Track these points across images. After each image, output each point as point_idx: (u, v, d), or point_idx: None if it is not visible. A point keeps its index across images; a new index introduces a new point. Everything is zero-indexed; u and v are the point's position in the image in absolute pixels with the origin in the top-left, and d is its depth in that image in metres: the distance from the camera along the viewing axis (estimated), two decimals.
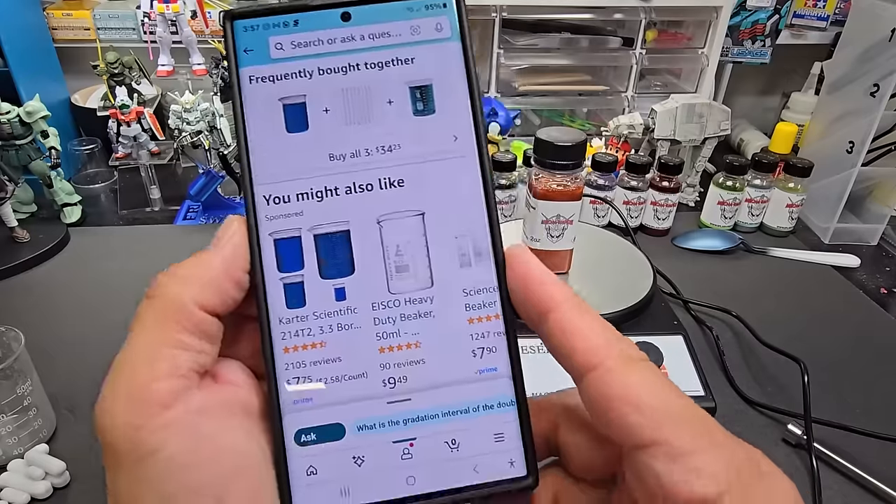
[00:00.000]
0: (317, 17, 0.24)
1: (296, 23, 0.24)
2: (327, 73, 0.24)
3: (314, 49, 0.24)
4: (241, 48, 0.24)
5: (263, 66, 0.24)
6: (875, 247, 0.96)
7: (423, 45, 0.24)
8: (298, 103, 0.24)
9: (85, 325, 0.73)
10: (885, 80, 0.85)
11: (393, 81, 0.24)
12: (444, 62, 0.24)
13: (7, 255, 0.83)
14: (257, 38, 0.24)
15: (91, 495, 0.52)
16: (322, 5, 0.24)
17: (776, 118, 1.24)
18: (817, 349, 0.71)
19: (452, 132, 0.24)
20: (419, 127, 0.24)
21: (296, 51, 0.24)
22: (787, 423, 0.60)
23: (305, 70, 0.24)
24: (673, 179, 0.93)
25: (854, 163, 0.90)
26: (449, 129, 0.24)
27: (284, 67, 0.24)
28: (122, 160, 0.96)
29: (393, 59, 0.24)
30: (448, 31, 0.25)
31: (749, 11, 1.15)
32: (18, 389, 0.54)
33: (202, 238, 0.90)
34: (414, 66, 0.24)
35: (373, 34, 0.24)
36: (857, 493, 0.55)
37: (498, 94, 1.08)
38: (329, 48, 0.24)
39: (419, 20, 0.24)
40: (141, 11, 1.04)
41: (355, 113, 0.24)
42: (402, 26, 0.24)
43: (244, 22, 0.24)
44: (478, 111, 0.24)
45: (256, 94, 0.24)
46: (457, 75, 0.24)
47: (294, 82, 0.24)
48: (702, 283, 0.83)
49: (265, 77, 0.24)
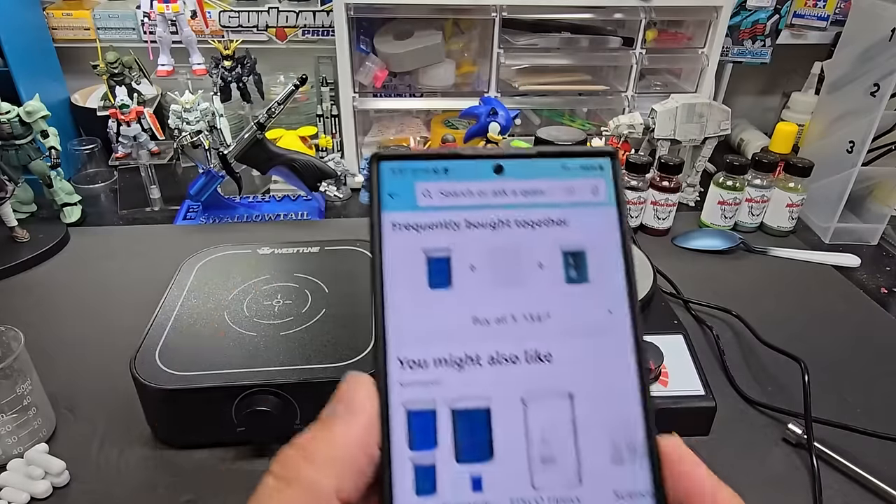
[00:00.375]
0: (469, 167, 0.23)
1: (446, 170, 0.23)
2: (476, 227, 0.22)
3: (463, 200, 0.22)
4: (386, 192, 0.22)
5: (408, 212, 0.22)
6: (875, 247, 0.96)
7: (577, 207, 0.23)
8: (443, 257, 0.22)
9: (85, 325, 0.73)
10: (885, 80, 0.85)
11: (545, 244, 0.22)
12: (599, 229, 0.23)
13: (7, 255, 0.83)
14: (404, 182, 0.22)
15: (91, 495, 0.52)
16: (476, 155, 0.23)
17: (776, 118, 1.24)
18: (817, 349, 0.71)
19: (607, 305, 0.22)
20: (571, 296, 0.22)
21: (444, 200, 0.22)
22: (788, 423, 0.60)
23: (453, 222, 0.22)
24: (673, 179, 0.93)
25: (854, 162, 0.90)
26: (603, 302, 0.22)
27: (431, 217, 0.22)
28: (122, 160, 0.96)
29: (546, 220, 0.22)
30: (604, 196, 0.23)
31: (749, 11, 1.15)
32: (18, 389, 0.54)
33: (202, 238, 0.90)
34: (568, 229, 0.23)
35: (526, 190, 0.23)
36: (858, 493, 0.55)
37: (498, 94, 1.08)
38: (479, 200, 0.22)
39: (575, 181, 0.23)
40: (141, 11, 1.04)
41: (504, 274, 0.22)
42: (556, 185, 0.23)
43: (391, 164, 0.22)
44: (633, 284, 0.22)
45: (398, 242, 0.22)
46: (612, 244, 0.23)
47: (440, 233, 0.22)
48: (702, 282, 0.83)
49: (409, 225, 0.22)
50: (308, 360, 0.55)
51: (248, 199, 1.03)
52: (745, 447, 0.59)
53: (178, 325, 0.60)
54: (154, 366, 0.54)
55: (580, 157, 0.23)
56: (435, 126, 1.17)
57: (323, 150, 1.11)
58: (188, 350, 0.56)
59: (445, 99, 1.12)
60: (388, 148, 0.22)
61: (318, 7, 1.11)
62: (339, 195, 1.01)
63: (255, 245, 0.74)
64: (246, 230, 0.94)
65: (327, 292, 0.66)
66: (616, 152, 0.24)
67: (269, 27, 1.12)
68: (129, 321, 0.69)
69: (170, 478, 0.54)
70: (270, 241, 0.76)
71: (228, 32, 1.11)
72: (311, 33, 1.13)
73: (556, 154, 0.23)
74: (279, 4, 1.10)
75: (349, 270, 0.69)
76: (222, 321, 0.61)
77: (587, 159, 0.23)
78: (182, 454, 0.56)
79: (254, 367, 0.54)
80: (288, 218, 0.99)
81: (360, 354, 0.56)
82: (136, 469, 0.55)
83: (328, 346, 0.57)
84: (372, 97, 1.08)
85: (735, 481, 0.37)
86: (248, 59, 1.06)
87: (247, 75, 1.06)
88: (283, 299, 0.64)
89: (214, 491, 0.53)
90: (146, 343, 0.57)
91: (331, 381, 0.54)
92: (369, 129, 1.19)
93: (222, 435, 0.55)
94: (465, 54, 1.13)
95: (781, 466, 0.57)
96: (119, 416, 0.60)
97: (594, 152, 0.24)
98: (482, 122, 1.01)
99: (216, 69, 1.05)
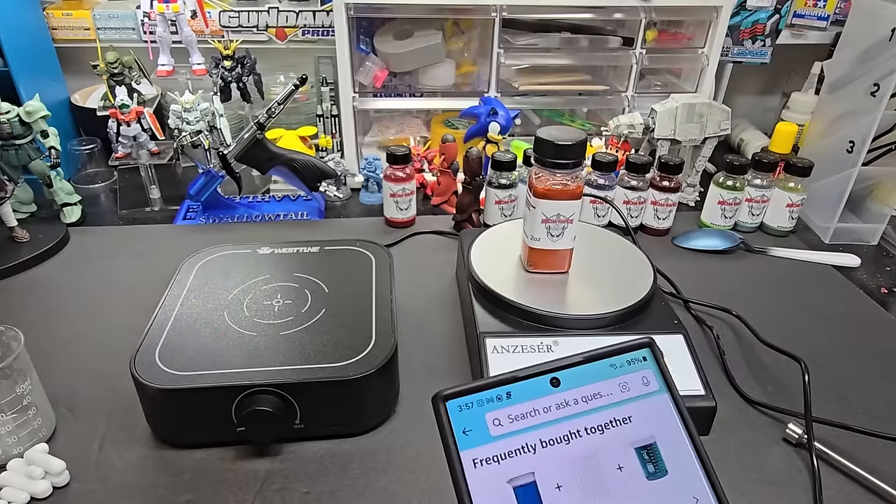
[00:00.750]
0: (528, 387, 0.24)
1: (508, 395, 0.24)
2: (550, 444, 0.23)
3: (532, 420, 0.23)
4: (460, 429, 0.23)
5: (486, 445, 0.23)
6: (875, 246, 0.96)
7: (635, 401, 0.24)
8: (529, 482, 0.23)
9: (84, 325, 0.73)
10: (885, 80, 0.85)
11: (617, 444, 0.23)
12: (660, 417, 0.24)
13: (7, 255, 0.83)
14: (474, 416, 0.23)
15: (91, 495, 0.52)
16: (530, 374, 0.24)
17: (776, 118, 1.24)
18: (817, 349, 0.71)
19: (692, 494, 0.23)
20: (657, 493, 0.23)
21: (514, 424, 0.23)
22: (788, 423, 0.60)
23: (528, 444, 0.23)
24: (673, 179, 0.93)
25: (854, 162, 0.90)
26: (687, 492, 0.23)
27: (507, 444, 0.23)
28: (121, 160, 0.96)
29: (611, 420, 0.24)
30: (655, 384, 0.24)
31: (749, 11, 1.15)
32: (18, 389, 0.54)
33: (202, 238, 0.90)
34: (633, 425, 0.24)
35: (585, 396, 0.24)
36: (858, 493, 0.54)
37: (498, 94, 1.08)
38: (546, 417, 0.24)
39: (625, 376, 0.24)
40: (141, 11, 1.04)
41: (589, 485, 0.23)
42: (611, 385, 0.24)
43: (458, 401, 0.23)
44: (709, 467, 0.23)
45: (483, 478, 0.23)
46: (676, 429, 0.24)
47: (520, 460, 0.23)
48: (702, 282, 0.83)
49: (489, 458, 0.23)
50: (308, 360, 0.55)
51: (248, 199, 1.03)
52: (745, 447, 0.59)
53: (178, 325, 0.60)
54: (154, 366, 0.54)
55: (624, 352, 0.25)
56: (435, 126, 1.17)
57: (323, 150, 1.11)
58: (188, 350, 0.56)
59: (445, 99, 1.12)
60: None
61: (318, 7, 1.11)
62: (339, 195, 1.01)
63: (255, 245, 0.74)
64: (246, 230, 0.94)
65: (327, 292, 0.65)
66: (652, 342, 0.26)
67: (269, 27, 1.12)
68: (129, 321, 0.69)
69: (170, 478, 0.54)
70: (270, 241, 0.76)
71: (228, 32, 1.11)
72: (311, 33, 1.13)
73: (602, 355, 0.24)
74: (279, 4, 1.10)
75: (349, 270, 0.69)
76: (222, 321, 0.61)
77: (630, 353, 0.25)
78: (182, 454, 0.56)
79: (254, 367, 0.54)
80: (288, 218, 0.99)
81: (360, 354, 0.56)
82: (136, 469, 0.55)
83: (328, 346, 0.57)
84: (372, 97, 1.08)
85: (735, 481, 0.37)
86: (248, 59, 1.06)
87: (247, 75, 1.06)
88: (283, 299, 0.64)
89: (214, 491, 0.53)
90: (146, 343, 0.57)
91: (331, 381, 0.54)
92: (369, 129, 1.19)
93: (222, 435, 0.55)
94: (465, 54, 1.13)
95: (781, 466, 0.57)
96: (119, 416, 0.60)
97: (634, 346, 0.25)
98: (482, 122, 1.01)
99: (216, 69, 1.05)
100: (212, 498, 0.52)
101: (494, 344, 0.60)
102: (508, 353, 0.60)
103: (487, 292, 0.65)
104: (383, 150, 1.10)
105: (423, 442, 0.58)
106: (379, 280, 0.68)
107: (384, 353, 0.56)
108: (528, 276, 0.69)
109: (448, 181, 0.99)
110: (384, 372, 0.56)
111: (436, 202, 1.02)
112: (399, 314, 0.66)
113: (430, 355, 0.69)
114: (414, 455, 0.56)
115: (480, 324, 0.63)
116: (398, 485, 0.54)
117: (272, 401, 0.53)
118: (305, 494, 0.53)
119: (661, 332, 0.62)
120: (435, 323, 0.74)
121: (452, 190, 1.00)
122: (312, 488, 0.53)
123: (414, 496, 0.53)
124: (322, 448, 0.57)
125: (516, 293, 0.65)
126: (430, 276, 0.83)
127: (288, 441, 0.57)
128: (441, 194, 1.01)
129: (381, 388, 0.58)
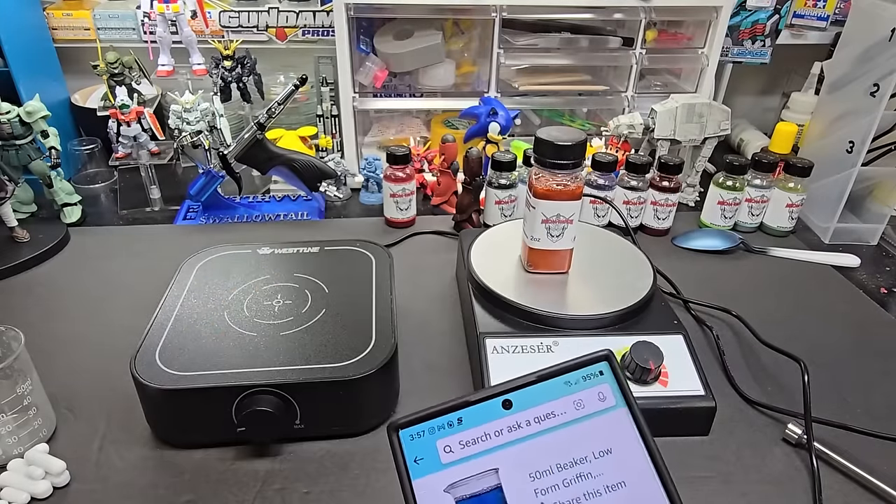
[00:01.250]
0: (480, 411, 0.24)
1: (460, 420, 0.24)
2: (501, 468, 0.23)
3: (483, 445, 0.23)
4: (412, 458, 0.23)
5: (436, 473, 0.23)
6: (875, 247, 0.96)
7: (590, 419, 0.24)
8: None
9: (85, 325, 0.73)
10: (885, 80, 0.85)
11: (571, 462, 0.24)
12: (616, 432, 0.24)
13: (7, 255, 0.83)
14: (425, 444, 0.23)
15: (91, 495, 0.52)
16: (482, 397, 0.24)
17: (776, 118, 1.24)
18: (817, 349, 0.71)
19: None
20: None
21: (465, 450, 0.23)
22: (788, 423, 0.60)
23: (478, 470, 0.23)
24: (673, 179, 0.93)
25: (854, 163, 0.90)
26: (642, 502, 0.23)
27: (457, 472, 0.23)
28: (122, 160, 0.96)
29: (565, 440, 0.23)
30: (612, 399, 0.24)
31: (749, 11, 1.15)
32: (18, 389, 0.54)
33: (202, 238, 0.90)
34: (587, 442, 0.24)
35: (538, 417, 0.24)
36: (858, 493, 0.55)
37: (498, 94, 1.08)
38: (497, 441, 0.23)
39: (580, 393, 0.24)
40: (141, 11, 1.05)
41: None
42: (564, 403, 0.24)
43: (410, 430, 0.24)
44: (666, 479, 0.23)
45: None
46: (633, 442, 0.24)
47: (469, 485, 0.23)
48: (702, 282, 0.83)
49: (440, 486, 0.23)
50: (308, 360, 0.55)
51: (248, 199, 1.03)
52: (745, 447, 0.59)
53: (178, 325, 0.60)
54: (154, 366, 0.54)
55: (580, 367, 0.24)
56: (435, 126, 1.17)
57: (323, 150, 1.11)
58: (188, 350, 0.56)
59: (445, 99, 1.12)
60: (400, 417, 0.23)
61: (318, 7, 1.11)
62: (339, 195, 1.01)
63: (255, 245, 0.74)
64: (246, 230, 0.94)
65: (327, 292, 0.66)
66: (611, 354, 0.25)
67: (269, 27, 1.12)
68: (129, 321, 0.69)
69: (170, 478, 0.54)
70: (270, 241, 0.76)
71: (228, 32, 1.11)
72: (311, 33, 1.13)
73: (556, 373, 0.24)
74: (279, 4, 1.10)
75: (349, 271, 0.69)
76: (222, 321, 0.61)
77: (587, 368, 0.24)
78: (182, 454, 0.56)
79: (254, 367, 0.54)
80: (288, 218, 0.99)
81: (360, 354, 0.56)
82: (136, 469, 0.55)
83: (328, 346, 0.57)
84: (372, 97, 1.08)
85: (735, 481, 0.38)
86: (248, 59, 1.06)
87: (247, 75, 1.06)
88: (283, 299, 0.64)
89: (214, 491, 0.53)
90: (146, 343, 0.57)
91: (331, 382, 0.54)
92: (369, 129, 1.19)
93: (222, 435, 0.55)
94: (465, 54, 1.13)
95: (781, 466, 0.57)
96: (119, 416, 0.60)
97: (589, 360, 0.24)
98: (482, 122, 1.01)
99: (216, 69, 1.05)
100: (212, 498, 0.52)
101: (494, 344, 0.60)
102: (508, 353, 0.60)
103: (487, 292, 0.66)
104: (383, 151, 1.10)
105: None
106: (379, 280, 0.68)
107: (384, 353, 0.57)
108: (528, 276, 0.69)
109: (448, 181, 0.99)
110: (384, 372, 0.56)
111: (436, 202, 1.02)
112: (399, 314, 0.66)
113: (430, 355, 0.69)
114: None
115: (480, 324, 0.63)
116: (398, 485, 0.54)
117: (272, 401, 0.53)
118: (305, 494, 0.53)
119: (661, 333, 0.62)
120: (435, 323, 0.74)
121: (452, 190, 1.00)
122: (312, 488, 0.53)
123: None
124: (322, 448, 0.57)
125: (516, 293, 0.65)
126: (430, 276, 0.83)
127: (288, 441, 0.57)
128: (441, 194, 1.01)
129: (381, 388, 0.58)
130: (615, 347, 0.60)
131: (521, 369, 0.59)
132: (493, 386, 0.25)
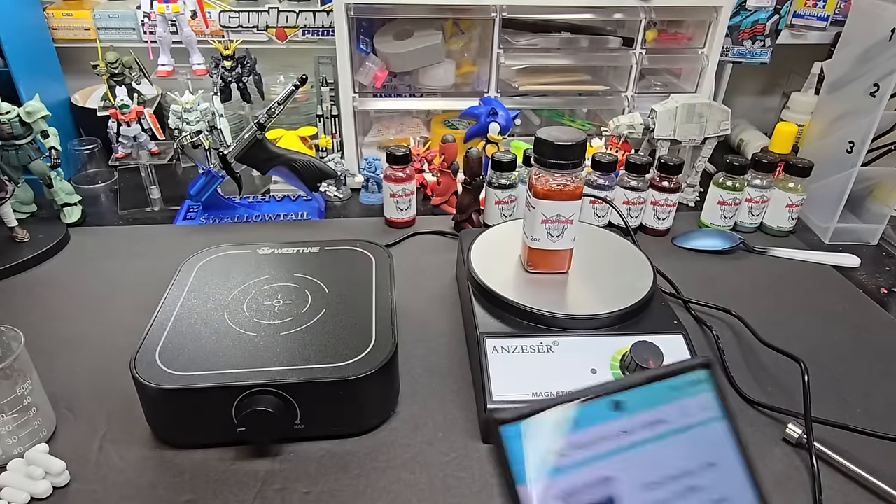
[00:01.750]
0: (590, 411, 0.22)
1: (573, 420, 0.22)
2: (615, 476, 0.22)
3: (595, 449, 0.22)
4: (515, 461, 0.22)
5: (550, 479, 0.22)
6: (875, 247, 0.96)
7: (698, 428, 0.23)
8: None
9: (85, 325, 0.73)
10: (885, 80, 0.85)
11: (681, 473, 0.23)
12: (719, 444, 0.23)
13: (7, 255, 0.83)
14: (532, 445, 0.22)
15: (91, 495, 0.52)
16: (593, 395, 0.22)
17: (776, 118, 1.24)
18: (817, 349, 0.71)
19: None
20: None
21: (577, 455, 0.22)
22: (788, 423, 0.60)
23: (597, 478, 0.22)
24: (673, 179, 0.93)
25: (854, 163, 0.90)
26: None
27: (570, 480, 0.22)
28: (122, 160, 0.96)
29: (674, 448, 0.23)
30: (716, 409, 0.23)
31: (749, 11, 1.15)
32: (18, 389, 0.54)
33: (202, 238, 0.90)
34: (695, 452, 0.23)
35: (650, 422, 0.23)
36: (858, 493, 0.55)
37: (498, 94, 1.08)
38: (609, 445, 0.22)
39: (685, 401, 0.23)
40: (141, 11, 1.05)
41: None
42: (672, 409, 0.23)
43: (514, 426, 0.22)
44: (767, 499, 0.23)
45: None
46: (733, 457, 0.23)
47: (590, 492, 0.22)
48: (702, 283, 0.83)
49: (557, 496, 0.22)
50: (308, 360, 0.55)
51: (248, 199, 1.03)
52: None
53: (179, 326, 0.60)
54: (154, 366, 0.54)
55: (681, 373, 0.23)
56: (435, 126, 1.17)
57: (323, 150, 1.11)
58: (188, 350, 0.56)
59: (445, 99, 1.12)
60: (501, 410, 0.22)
61: (318, 7, 1.11)
62: (339, 195, 1.01)
63: (255, 245, 0.74)
64: (246, 230, 0.94)
65: (327, 292, 0.66)
66: (713, 361, 0.24)
67: (269, 27, 1.12)
68: (129, 321, 0.69)
69: (170, 478, 0.54)
70: (270, 241, 0.76)
71: (228, 32, 1.11)
72: (311, 33, 1.13)
73: (662, 375, 0.23)
74: (279, 4, 1.10)
75: (349, 271, 0.69)
76: (222, 321, 0.61)
77: (689, 374, 0.23)
78: (182, 454, 0.56)
79: (254, 367, 0.54)
80: (288, 218, 0.99)
81: (360, 354, 0.56)
82: (136, 469, 0.55)
83: (328, 346, 0.57)
84: (372, 97, 1.08)
85: None
86: (248, 59, 1.06)
87: (247, 75, 1.06)
88: (283, 299, 0.64)
89: (214, 491, 0.53)
90: (146, 343, 0.57)
91: (331, 382, 0.54)
92: (369, 129, 1.19)
93: (222, 435, 0.55)
94: (465, 54, 1.13)
95: (781, 466, 0.57)
96: (119, 416, 0.60)
97: (691, 366, 0.24)
98: (482, 122, 1.01)
99: (216, 69, 1.05)
100: (212, 498, 0.52)
101: (494, 344, 0.60)
102: (508, 353, 0.60)
103: (487, 292, 0.66)
104: (383, 151, 1.10)
105: (423, 442, 0.58)
106: (379, 280, 0.68)
107: (384, 353, 0.57)
108: (528, 276, 0.69)
109: (448, 181, 0.99)
110: (384, 372, 0.56)
111: (436, 202, 1.02)
112: (399, 314, 0.66)
113: (430, 355, 0.69)
114: (414, 455, 0.56)
115: (480, 324, 0.63)
116: (398, 485, 0.54)
117: (272, 401, 0.53)
118: (305, 494, 0.53)
119: (660, 333, 0.62)
120: (435, 323, 0.74)
121: (452, 190, 1.00)
122: (312, 488, 0.53)
123: (414, 496, 0.53)
124: (322, 448, 0.57)
125: (516, 293, 0.65)
126: (430, 276, 0.83)
127: (288, 441, 0.57)
128: (441, 194, 1.01)
129: (381, 388, 0.58)
130: (615, 347, 0.60)
131: (521, 369, 0.59)
132: (599, 384, 0.23)
